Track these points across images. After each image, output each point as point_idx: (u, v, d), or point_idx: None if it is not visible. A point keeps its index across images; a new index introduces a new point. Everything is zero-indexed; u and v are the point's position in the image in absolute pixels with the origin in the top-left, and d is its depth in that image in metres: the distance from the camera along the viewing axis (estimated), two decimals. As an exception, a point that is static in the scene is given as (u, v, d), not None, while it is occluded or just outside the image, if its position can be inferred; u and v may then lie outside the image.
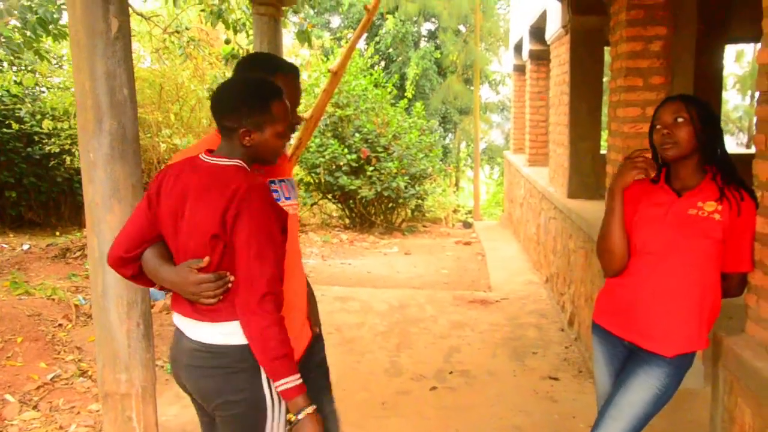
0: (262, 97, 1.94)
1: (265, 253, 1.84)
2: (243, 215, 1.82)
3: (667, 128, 2.29)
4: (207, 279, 1.88)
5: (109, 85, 2.93)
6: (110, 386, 3.30)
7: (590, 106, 5.79)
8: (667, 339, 2.29)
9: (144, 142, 8.76)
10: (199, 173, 1.94)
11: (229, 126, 1.94)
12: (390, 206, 11.46)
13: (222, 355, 1.93)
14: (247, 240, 1.83)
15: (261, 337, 1.83)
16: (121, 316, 3.22)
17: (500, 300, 6.40)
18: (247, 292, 1.83)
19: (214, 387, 1.95)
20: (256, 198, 1.85)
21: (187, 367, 2.00)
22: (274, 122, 1.96)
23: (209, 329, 1.94)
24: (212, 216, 1.85)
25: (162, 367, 4.64)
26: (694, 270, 2.26)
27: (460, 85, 17.80)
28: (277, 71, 2.20)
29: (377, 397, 4.15)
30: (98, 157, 3.01)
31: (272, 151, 2.00)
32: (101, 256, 3.13)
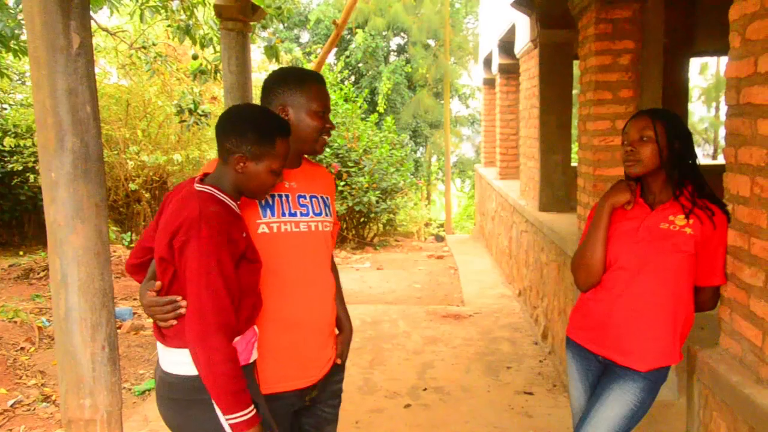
0: (270, 130, 1.93)
1: (214, 285, 1.80)
2: (191, 244, 1.80)
3: (632, 145, 2.29)
4: (155, 302, 1.90)
5: (70, 102, 2.84)
6: (74, 412, 3.18)
7: (560, 119, 5.82)
8: (642, 354, 2.27)
9: (111, 159, 8.63)
10: (179, 194, 1.95)
11: (229, 148, 1.92)
12: (362, 221, 11.41)
13: (177, 385, 1.90)
14: (197, 270, 1.79)
15: (210, 371, 1.78)
16: (85, 339, 3.11)
17: (473, 314, 6.37)
18: (197, 324, 1.80)
19: (175, 418, 1.93)
20: (205, 227, 1.81)
21: (157, 397, 2.00)
22: (273, 158, 1.94)
23: (168, 355, 1.93)
24: (163, 239, 1.86)
25: (129, 390, 4.52)
26: (667, 284, 2.25)
27: (431, 99, 17.88)
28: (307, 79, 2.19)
29: (351, 416, 4.08)
30: (60, 177, 2.92)
31: (261, 185, 1.97)
32: (63, 277, 3.03)
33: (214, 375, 1.78)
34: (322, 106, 2.18)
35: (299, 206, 2.19)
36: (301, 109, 2.16)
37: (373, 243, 11.48)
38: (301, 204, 2.19)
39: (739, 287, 2.19)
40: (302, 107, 2.16)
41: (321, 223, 2.23)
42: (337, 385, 2.40)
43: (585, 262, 2.36)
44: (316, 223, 2.21)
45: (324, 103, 2.20)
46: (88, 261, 3.05)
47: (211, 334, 1.78)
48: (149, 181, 9.16)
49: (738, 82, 2.18)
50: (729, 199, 2.24)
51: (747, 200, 2.13)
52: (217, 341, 1.78)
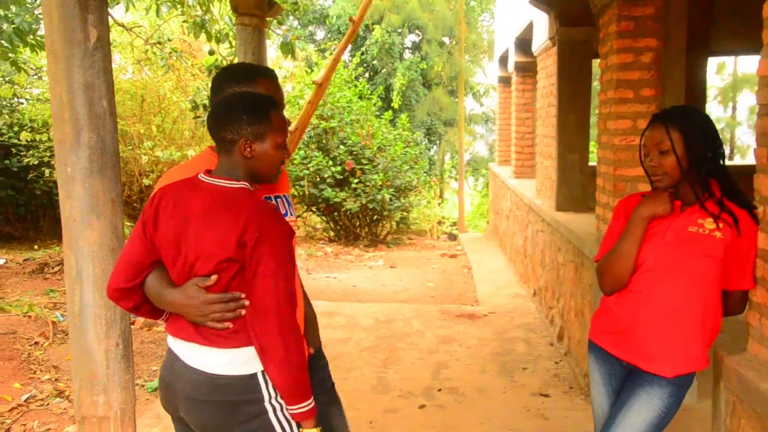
0: (261, 107, 1.91)
1: (289, 276, 1.82)
2: (265, 242, 1.78)
3: (654, 161, 2.23)
4: (219, 299, 1.81)
5: (87, 96, 2.82)
6: (87, 409, 3.17)
7: (578, 118, 5.75)
8: (668, 359, 2.21)
9: (125, 154, 8.63)
10: (202, 196, 1.86)
11: (230, 138, 1.88)
12: (375, 219, 11.37)
13: (226, 387, 1.86)
14: (275, 263, 1.79)
15: (288, 362, 1.79)
16: (99, 335, 3.10)
17: (488, 314, 6.32)
18: (275, 317, 1.78)
19: (220, 421, 1.88)
20: (274, 222, 1.82)
21: (187, 399, 1.91)
22: (275, 132, 1.92)
23: (214, 356, 1.86)
24: (224, 241, 1.78)
25: (143, 386, 4.51)
26: (696, 288, 2.19)
27: (446, 97, 17.82)
28: (258, 76, 2.16)
29: (364, 416, 4.04)
30: (76, 171, 2.90)
31: (273, 164, 1.94)
32: (78, 273, 3.02)
33: (291, 366, 1.79)
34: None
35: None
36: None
37: (386, 241, 11.44)
38: None
39: (769, 292, 2.12)
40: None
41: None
42: (324, 371, 2.45)
43: (615, 270, 2.29)
44: None
45: (277, 96, 2.14)
46: (104, 257, 3.04)
47: (290, 326, 1.79)
48: (163, 176, 9.15)
49: (771, 80, 2.11)
50: (760, 201, 2.18)
51: (779, 202, 2.06)
52: (294, 332, 1.80)
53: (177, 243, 1.86)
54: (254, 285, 1.79)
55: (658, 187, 2.26)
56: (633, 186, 3.94)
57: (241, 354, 1.85)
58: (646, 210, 2.25)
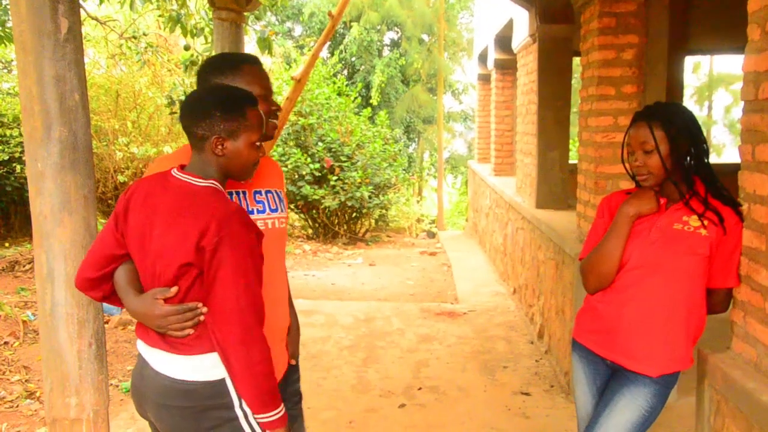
0: (236, 103, 1.82)
1: (252, 283, 1.73)
2: (225, 244, 1.69)
3: (639, 160, 2.20)
4: (174, 311, 1.76)
5: (58, 89, 2.73)
6: (59, 411, 3.08)
7: (558, 115, 5.74)
8: (653, 359, 2.19)
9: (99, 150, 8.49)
10: (170, 193, 1.80)
11: (201, 134, 1.80)
12: (354, 216, 11.31)
13: (193, 392, 1.80)
14: (235, 270, 1.70)
15: (252, 371, 1.72)
16: (71, 335, 3.01)
17: (468, 312, 6.29)
18: (237, 325, 1.71)
19: (188, 427, 1.82)
20: (236, 224, 1.72)
21: (156, 405, 1.86)
22: (249, 130, 1.83)
23: (180, 363, 1.80)
24: (184, 242, 1.72)
25: (117, 387, 4.41)
26: (681, 287, 2.16)
27: (425, 94, 17.79)
28: (242, 63, 2.08)
29: (344, 416, 3.99)
30: (47, 167, 2.81)
31: (246, 163, 1.86)
32: (49, 272, 2.93)
33: (254, 374, 1.72)
34: (262, 88, 2.07)
35: (255, 203, 2.10)
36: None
37: (365, 239, 11.39)
38: (257, 200, 2.11)
39: (754, 290, 2.11)
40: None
41: (277, 220, 2.15)
42: (295, 385, 2.40)
43: (600, 269, 2.26)
44: (273, 220, 2.13)
45: (262, 84, 2.08)
46: (76, 255, 2.94)
47: (252, 334, 1.72)
48: (138, 173, 9.02)
49: (757, 76, 2.09)
50: (745, 198, 2.16)
51: (765, 199, 2.04)
52: (258, 340, 1.73)
53: (142, 240, 1.82)
54: (214, 291, 1.72)
55: (643, 185, 2.23)
56: (614, 183, 3.93)
57: (208, 359, 1.79)
58: (632, 208, 2.22)
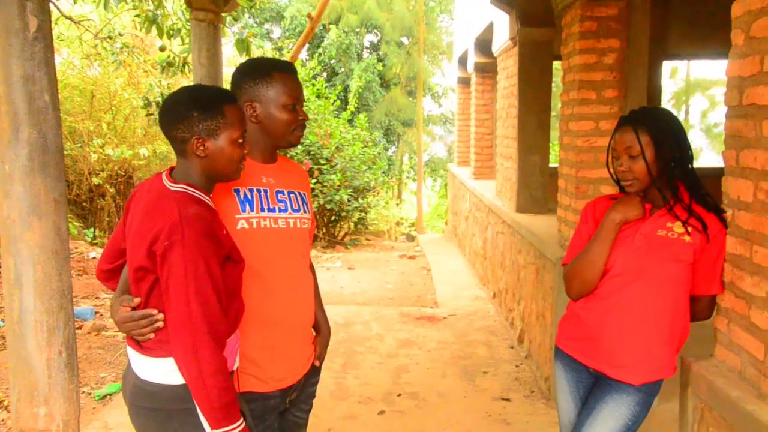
0: (212, 101, 1.78)
1: (204, 291, 1.67)
2: (174, 250, 1.65)
3: (624, 165, 2.17)
4: (129, 317, 1.77)
5: (27, 90, 2.64)
6: (26, 422, 2.98)
7: (539, 119, 5.73)
8: (636, 367, 2.16)
9: (74, 152, 8.34)
10: (148, 195, 1.78)
11: (181, 137, 1.76)
12: (333, 219, 11.24)
13: (156, 394, 1.77)
14: (184, 277, 1.65)
15: (201, 383, 1.66)
16: (40, 343, 2.91)
17: (448, 316, 6.25)
18: (187, 335, 1.66)
19: (154, 428, 1.80)
20: (189, 231, 1.67)
21: (130, 403, 1.86)
22: (229, 127, 1.78)
23: (147, 364, 1.79)
24: (140, 247, 1.70)
25: (89, 394, 4.31)
26: (664, 294, 2.13)
27: (404, 98, 17.77)
28: (273, 71, 2.05)
29: (323, 423, 3.92)
30: (15, 169, 2.72)
31: (230, 161, 1.81)
32: (17, 277, 2.83)
33: (205, 387, 1.66)
34: (292, 99, 2.04)
35: (278, 202, 2.08)
36: (269, 103, 2.03)
37: (344, 242, 11.32)
38: (280, 200, 2.09)
39: (738, 297, 2.08)
40: (271, 101, 2.03)
41: (299, 219, 2.13)
42: (313, 387, 2.34)
43: (584, 275, 2.22)
44: (295, 219, 2.11)
45: (294, 95, 2.05)
46: (45, 260, 2.85)
47: (202, 345, 1.65)
48: (114, 175, 8.88)
49: (741, 81, 2.07)
50: (729, 205, 2.14)
51: (749, 206, 2.02)
52: (208, 352, 1.66)
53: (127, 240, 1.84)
54: (168, 298, 1.68)
55: (628, 191, 2.20)
56: (595, 188, 3.91)
57: (172, 363, 1.74)
58: (618, 215, 2.19)
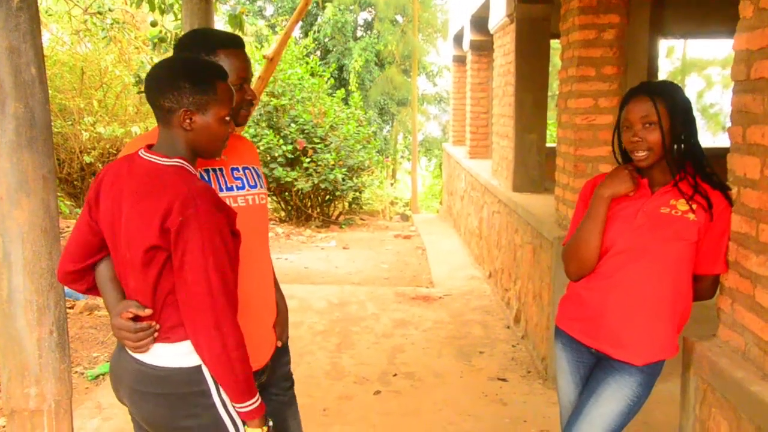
0: (206, 76, 1.72)
1: (222, 265, 1.63)
2: (190, 224, 1.59)
3: (638, 135, 2.09)
4: (126, 327, 1.71)
5: (12, 62, 2.56)
6: (17, 402, 2.94)
7: (536, 97, 5.66)
8: (638, 347, 2.12)
9: (65, 130, 8.24)
10: (135, 174, 1.70)
11: (168, 107, 1.69)
12: (327, 199, 11.18)
13: (167, 379, 1.72)
14: (201, 251, 1.60)
15: (226, 358, 1.63)
16: (30, 323, 2.87)
17: (443, 296, 6.23)
18: (209, 310, 1.61)
19: (162, 414, 1.75)
20: (202, 203, 1.61)
21: (131, 390, 1.78)
22: (219, 104, 1.72)
23: (155, 349, 1.73)
24: (149, 225, 1.62)
25: (82, 374, 4.27)
26: (667, 273, 2.09)
27: (399, 76, 17.63)
28: (217, 48, 1.94)
29: (318, 403, 3.90)
30: (1, 145, 2.65)
31: (215, 138, 1.75)
32: (6, 256, 2.78)
33: (230, 361, 1.64)
34: (239, 78, 1.95)
35: (234, 179, 2.01)
36: None
37: (339, 221, 11.26)
38: (236, 177, 2.02)
39: (743, 276, 2.04)
40: None
41: (257, 195, 2.06)
42: (285, 367, 2.32)
43: (579, 254, 2.18)
44: (253, 196, 2.04)
45: (242, 74, 1.96)
46: (35, 238, 2.79)
47: (225, 319, 1.63)
48: (106, 153, 8.78)
49: (749, 55, 2.01)
50: (734, 182, 2.09)
51: (756, 183, 1.97)
52: (231, 325, 1.64)
53: (112, 226, 1.73)
54: (183, 276, 1.62)
55: (639, 166, 2.14)
56: (594, 166, 3.86)
57: (182, 346, 1.71)
58: (607, 190, 2.14)
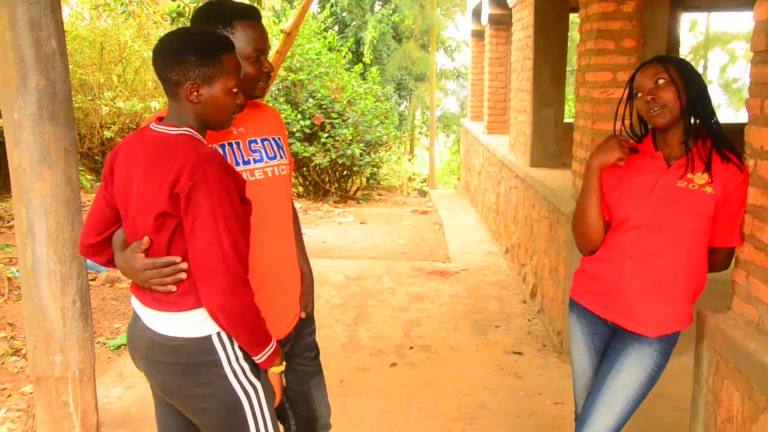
0: (212, 47, 1.73)
1: (232, 229, 1.65)
2: (199, 189, 1.62)
3: (651, 93, 2.09)
4: (151, 264, 1.71)
5: (33, 35, 2.60)
6: (43, 369, 3.03)
7: (554, 71, 5.61)
8: (653, 320, 2.13)
9: (85, 105, 8.30)
10: (146, 145, 1.73)
11: (175, 79, 1.71)
12: (345, 174, 11.20)
13: (179, 348, 1.76)
14: (212, 216, 1.62)
15: (242, 318, 1.69)
16: (54, 292, 2.94)
17: (460, 271, 6.25)
18: (223, 274, 1.65)
19: (175, 383, 1.79)
20: (210, 168, 1.64)
21: (145, 358, 1.83)
22: (225, 75, 1.74)
23: (165, 319, 1.76)
24: (159, 192, 1.65)
25: (104, 345, 4.36)
26: (683, 247, 2.09)
27: (417, 51, 17.49)
28: (233, 20, 1.94)
29: (335, 375, 3.96)
30: (24, 117, 2.70)
31: (223, 110, 1.77)
32: (30, 227, 2.84)
33: (245, 321, 1.71)
34: (256, 50, 1.95)
35: (251, 152, 2.01)
36: None
37: (356, 197, 11.29)
38: (253, 150, 2.02)
39: (758, 249, 2.04)
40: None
41: (277, 167, 2.06)
42: (310, 337, 2.33)
43: (580, 227, 2.22)
44: (272, 167, 2.04)
45: (258, 45, 1.95)
46: (57, 209, 2.85)
47: (238, 280, 1.67)
48: (125, 128, 8.84)
49: (769, 25, 1.99)
50: (752, 154, 2.08)
51: (773, 155, 1.96)
52: (243, 286, 1.69)
53: (125, 197, 1.77)
54: (195, 241, 1.65)
55: (656, 125, 2.13)
56: (612, 141, 3.83)
57: (194, 316, 1.74)
58: (594, 160, 2.17)
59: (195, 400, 1.78)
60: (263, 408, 1.82)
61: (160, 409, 1.96)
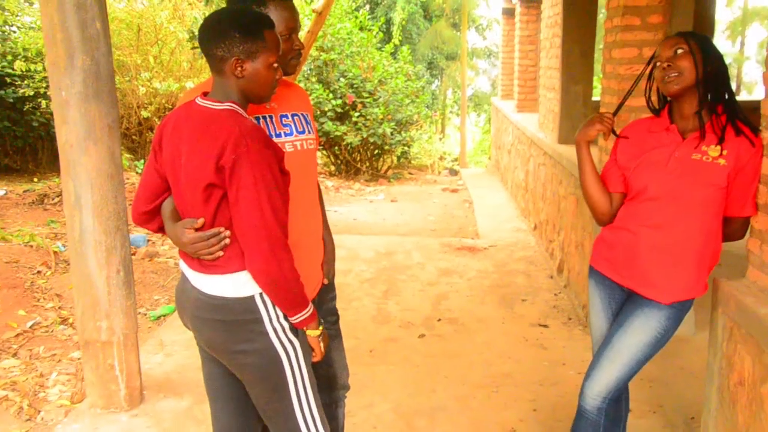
0: (254, 25, 1.84)
1: (273, 197, 1.79)
2: (242, 162, 1.75)
3: (668, 61, 2.17)
4: (198, 238, 1.86)
5: (79, 17, 2.75)
6: (90, 334, 3.22)
7: (583, 48, 5.63)
8: (667, 287, 2.21)
9: (122, 85, 8.51)
10: (192, 119, 1.86)
11: (221, 55, 1.83)
12: (376, 153, 11.30)
13: (224, 307, 1.90)
14: (254, 186, 1.76)
15: (283, 280, 1.83)
16: (100, 262, 3.12)
17: (488, 247, 6.34)
18: (264, 240, 1.79)
19: (220, 339, 1.93)
20: (252, 142, 1.76)
21: (193, 317, 1.98)
22: (267, 51, 1.85)
23: (212, 281, 1.91)
24: (205, 165, 1.78)
25: (145, 315, 4.56)
26: (697, 217, 2.17)
27: (448, 30, 17.44)
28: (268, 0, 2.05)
29: (365, 345, 4.10)
30: (71, 96, 2.86)
31: (265, 84, 1.89)
32: (77, 199, 3.01)
33: (286, 282, 1.84)
34: (288, 29, 2.05)
35: (282, 126, 2.13)
36: None
37: (387, 175, 11.40)
38: (284, 124, 2.13)
39: (772, 218, 2.11)
40: None
41: (305, 141, 2.18)
42: (331, 303, 2.47)
43: (587, 202, 2.40)
44: (301, 141, 2.16)
45: (290, 24, 2.06)
46: (102, 183, 3.03)
47: (279, 245, 1.81)
48: (162, 108, 9.05)
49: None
50: (766, 127, 2.14)
51: (787, 127, 2.02)
52: (284, 249, 1.82)
53: (174, 169, 1.90)
54: (239, 209, 1.78)
55: (668, 92, 2.20)
56: (637, 117, 3.87)
57: (239, 277, 1.87)
58: (580, 134, 2.35)
59: (238, 355, 1.91)
60: (301, 364, 1.95)
61: (207, 365, 2.11)
